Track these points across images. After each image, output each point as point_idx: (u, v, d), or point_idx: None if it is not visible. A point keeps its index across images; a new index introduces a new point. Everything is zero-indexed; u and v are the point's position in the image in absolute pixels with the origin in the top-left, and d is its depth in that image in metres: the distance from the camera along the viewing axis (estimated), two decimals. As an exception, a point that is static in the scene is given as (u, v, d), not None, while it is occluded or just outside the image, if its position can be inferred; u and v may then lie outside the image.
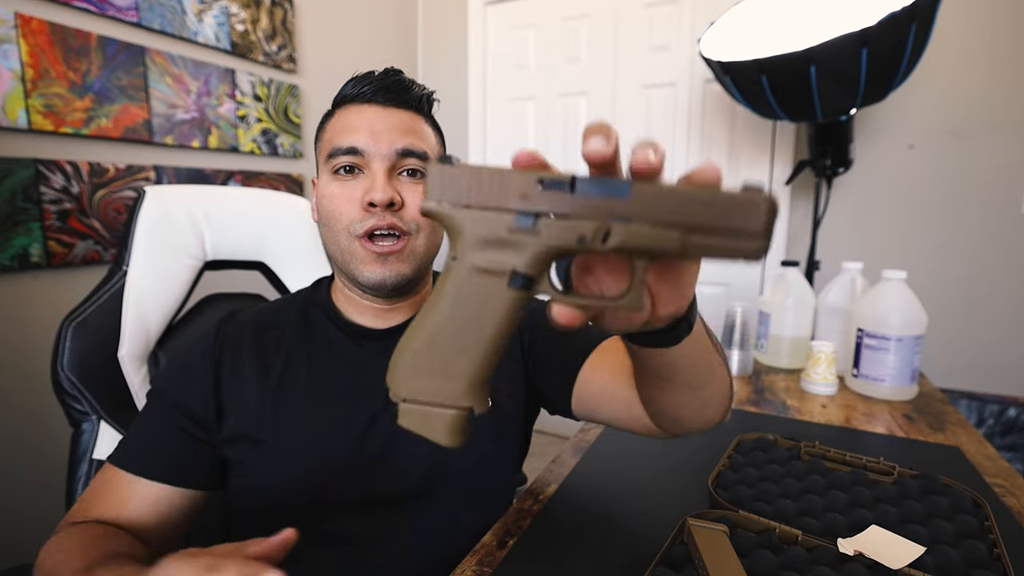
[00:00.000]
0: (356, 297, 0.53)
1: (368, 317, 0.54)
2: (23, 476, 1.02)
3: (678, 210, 0.22)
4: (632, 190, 0.23)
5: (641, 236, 0.23)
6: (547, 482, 0.58)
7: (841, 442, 0.68)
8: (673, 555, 0.43)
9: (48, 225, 1.04)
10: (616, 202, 0.23)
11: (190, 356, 0.52)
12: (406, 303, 0.55)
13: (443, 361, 0.24)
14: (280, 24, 1.50)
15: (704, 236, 0.22)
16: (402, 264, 0.50)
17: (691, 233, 0.22)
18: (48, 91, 1.02)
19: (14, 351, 1.01)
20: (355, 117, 0.50)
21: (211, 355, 0.51)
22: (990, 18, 1.39)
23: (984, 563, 0.42)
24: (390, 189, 0.48)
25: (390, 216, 0.48)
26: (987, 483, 0.59)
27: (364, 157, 0.49)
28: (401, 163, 0.50)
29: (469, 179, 0.24)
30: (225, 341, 0.52)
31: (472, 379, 0.24)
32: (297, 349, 0.53)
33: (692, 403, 0.40)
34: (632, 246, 0.23)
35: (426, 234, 0.51)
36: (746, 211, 0.22)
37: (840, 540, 0.44)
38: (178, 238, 0.67)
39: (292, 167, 1.59)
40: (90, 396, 0.60)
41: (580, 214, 0.23)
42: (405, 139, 0.50)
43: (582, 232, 0.23)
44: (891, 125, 1.51)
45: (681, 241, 0.22)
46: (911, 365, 0.84)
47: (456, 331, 0.24)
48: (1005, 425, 1.43)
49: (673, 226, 0.22)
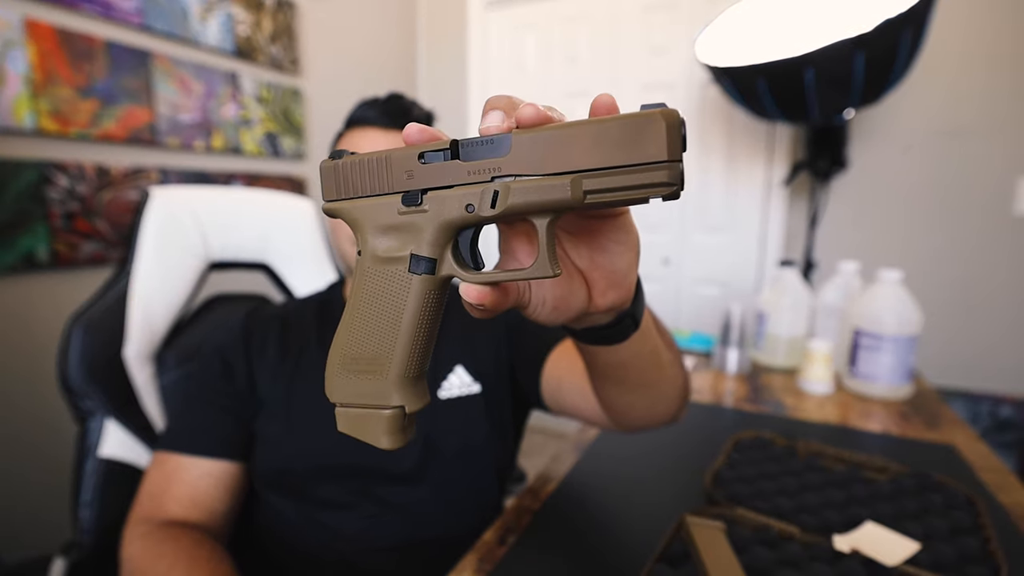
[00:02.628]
0: None
1: None
2: (29, 473, 1.03)
3: (564, 154, 0.19)
4: (512, 142, 0.20)
5: (528, 191, 0.20)
6: (547, 480, 0.59)
7: (837, 440, 0.69)
8: (671, 552, 0.44)
9: (54, 226, 1.05)
10: (499, 161, 0.20)
11: (222, 344, 0.58)
12: None
13: (368, 361, 0.23)
14: (283, 27, 1.51)
15: (601, 178, 0.19)
16: None
17: (585, 178, 0.19)
18: (55, 94, 1.03)
19: (20, 351, 1.01)
20: (360, 139, 0.56)
21: (241, 340, 0.58)
22: (986, 21, 1.40)
23: (977, 559, 0.43)
24: None
25: None
26: (980, 480, 0.59)
27: None
28: None
29: (358, 169, 0.23)
30: (253, 329, 0.59)
31: (399, 376, 0.23)
32: (313, 336, 0.58)
33: (641, 401, 0.41)
34: (521, 204, 0.20)
35: None
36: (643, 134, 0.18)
37: (836, 537, 0.45)
38: (183, 239, 0.68)
39: (294, 168, 1.60)
40: (96, 394, 0.61)
41: (465, 180, 0.21)
42: None
43: (467, 200, 0.21)
44: (887, 127, 1.52)
45: (574, 187, 0.19)
46: (906, 364, 0.85)
47: (374, 329, 0.23)
48: (998, 423, 1.44)
49: (563, 174, 0.19)
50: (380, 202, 0.22)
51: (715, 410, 0.81)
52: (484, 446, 0.58)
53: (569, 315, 0.27)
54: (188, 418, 0.55)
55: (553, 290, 0.26)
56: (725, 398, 0.86)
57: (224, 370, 0.56)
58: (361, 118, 0.58)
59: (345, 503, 0.54)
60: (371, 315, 0.23)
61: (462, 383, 0.58)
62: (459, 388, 0.58)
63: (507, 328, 0.60)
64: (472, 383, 0.58)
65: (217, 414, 0.55)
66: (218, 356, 0.57)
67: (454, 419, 0.56)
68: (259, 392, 0.56)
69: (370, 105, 0.58)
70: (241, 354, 0.57)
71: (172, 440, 0.54)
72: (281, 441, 0.54)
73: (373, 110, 0.57)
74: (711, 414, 0.79)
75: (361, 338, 0.23)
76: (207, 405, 0.55)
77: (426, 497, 0.55)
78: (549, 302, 0.26)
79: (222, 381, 0.56)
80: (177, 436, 0.54)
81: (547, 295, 0.26)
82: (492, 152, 0.20)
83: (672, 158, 0.18)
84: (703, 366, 1.04)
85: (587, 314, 0.28)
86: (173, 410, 0.59)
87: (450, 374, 0.58)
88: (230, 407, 0.55)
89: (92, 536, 0.59)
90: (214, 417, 0.55)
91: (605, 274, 0.26)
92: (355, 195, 0.23)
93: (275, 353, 0.57)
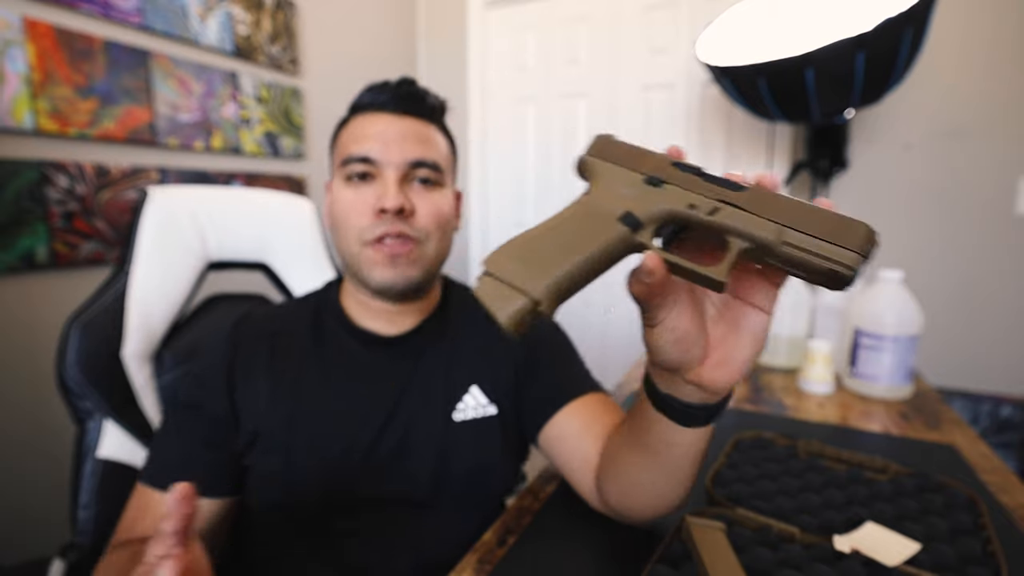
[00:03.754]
0: (366, 300, 0.54)
1: (380, 322, 0.55)
2: (28, 474, 1.02)
3: (783, 212, 0.25)
4: (749, 188, 0.26)
5: (742, 219, 0.25)
6: (547, 480, 0.59)
7: (838, 440, 0.68)
8: (671, 553, 0.43)
9: (53, 226, 1.05)
10: (731, 193, 0.26)
11: (205, 367, 0.53)
12: (415, 306, 0.56)
13: (538, 256, 0.26)
14: (282, 27, 1.51)
15: (802, 236, 0.24)
16: (410, 268, 0.51)
17: (790, 231, 0.24)
18: (54, 94, 1.03)
19: (20, 351, 1.01)
20: (369, 125, 0.51)
21: (224, 363, 0.52)
22: (987, 20, 1.40)
23: (978, 559, 0.43)
24: (400, 196, 0.49)
25: (400, 223, 0.49)
26: (981, 480, 0.59)
27: (376, 165, 0.50)
28: (413, 173, 0.51)
29: (620, 148, 0.30)
30: (238, 348, 0.53)
31: (555, 280, 0.25)
32: (310, 354, 0.53)
33: (660, 486, 0.41)
34: (731, 225, 0.25)
35: (435, 241, 0.52)
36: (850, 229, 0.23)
37: (836, 537, 0.45)
38: (181, 239, 0.68)
39: (294, 168, 1.60)
40: (94, 395, 0.61)
41: (697, 190, 0.27)
42: (417, 150, 0.51)
43: (696, 201, 0.26)
44: (888, 126, 1.52)
45: (778, 232, 0.24)
46: (907, 364, 0.85)
47: (560, 238, 0.27)
48: (999, 423, 1.43)
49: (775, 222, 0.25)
50: (625, 171, 0.29)
51: (715, 410, 0.81)
52: (497, 468, 0.56)
53: (678, 357, 0.30)
54: (162, 450, 0.51)
55: (687, 326, 0.29)
56: (725, 398, 0.86)
57: (203, 399, 0.51)
58: (371, 103, 0.53)
59: (358, 532, 0.51)
60: (566, 230, 0.27)
61: (477, 404, 0.56)
62: (474, 410, 0.55)
63: (531, 358, 0.57)
64: (488, 404, 0.56)
65: (193, 448, 0.50)
66: (197, 384, 0.52)
67: (469, 441, 0.54)
68: (247, 424, 0.51)
69: (380, 90, 0.53)
70: (222, 383, 0.51)
71: (146, 472, 0.50)
72: (286, 475, 0.50)
73: (384, 95, 0.52)
74: (711, 414, 0.79)
75: (547, 240, 0.27)
76: (183, 437, 0.51)
77: (439, 522, 0.53)
78: (677, 332, 0.29)
79: (200, 412, 0.51)
80: (150, 469, 0.50)
81: (680, 326, 0.29)
82: (729, 186, 0.26)
83: (863, 252, 0.23)
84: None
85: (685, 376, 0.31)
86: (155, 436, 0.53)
87: (465, 395, 0.55)
88: (209, 440, 0.50)
89: (90, 538, 0.59)
90: (189, 451, 0.50)
91: (726, 353, 0.30)
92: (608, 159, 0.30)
93: (266, 378, 0.52)
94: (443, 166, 0.53)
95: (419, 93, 0.53)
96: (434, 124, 0.54)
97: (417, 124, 0.52)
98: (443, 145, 0.54)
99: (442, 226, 0.53)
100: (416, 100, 0.53)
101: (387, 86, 0.53)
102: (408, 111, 0.52)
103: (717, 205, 0.26)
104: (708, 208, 0.26)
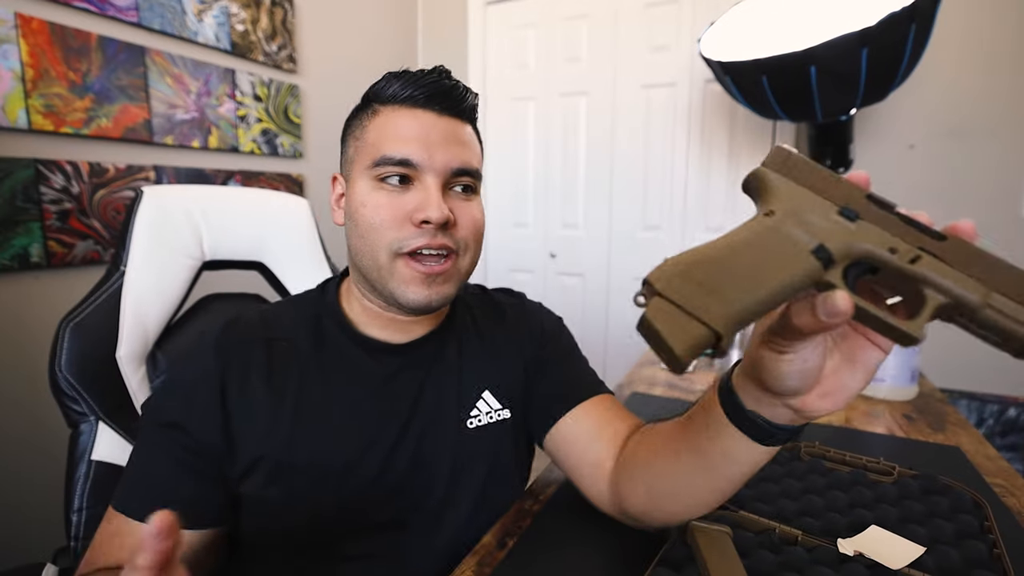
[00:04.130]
0: (377, 309, 0.50)
1: (388, 331, 0.51)
2: (24, 476, 1.02)
3: (987, 271, 0.23)
4: (949, 237, 0.25)
5: (949, 274, 0.24)
6: (547, 482, 0.58)
7: (841, 442, 0.68)
8: (673, 555, 0.43)
9: (48, 225, 1.04)
10: (930, 240, 0.25)
11: (189, 381, 0.46)
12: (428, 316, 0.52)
13: (719, 282, 0.24)
14: (280, 24, 1.50)
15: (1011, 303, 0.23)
16: (447, 285, 0.47)
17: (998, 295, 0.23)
18: (48, 91, 1.02)
19: (14, 351, 1.01)
20: (408, 123, 0.45)
21: (214, 378, 0.45)
22: (990, 18, 1.39)
23: (984, 563, 0.42)
24: (445, 207, 0.44)
25: (441, 236, 0.45)
26: (987, 483, 0.58)
27: (417, 170, 0.45)
28: (454, 181, 0.47)
29: (805, 167, 0.27)
30: (229, 360, 0.46)
31: (737, 312, 0.23)
32: (312, 365, 0.48)
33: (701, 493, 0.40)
34: (933, 278, 0.24)
35: (471, 252, 0.49)
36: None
37: (840, 540, 0.44)
38: (176, 238, 0.67)
39: (292, 167, 1.59)
40: (88, 397, 0.60)
41: (895, 231, 0.25)
42: (461, 156, 0.47)
43: (896, 245, 0.25)
44: (891, 125, 1.51)
45: (985, 295, 0.23)
46: (911, 365, 0.84)
47: (742, 262, 0.24)
48: (1005, 425, 1.43)
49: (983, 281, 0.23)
50: (818, 200, 0.26)
51: (716, 411, 0.80)
52: (511, 474, 0.55)
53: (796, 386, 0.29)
54: (139, 474, 0.44)
55: (818, 360, 0.29)
56: (726, 398, 0.85)
57: (189, 420, 0.44)
58: (406, 96, 0.46)
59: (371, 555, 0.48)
60: (751, 256, 0.25)
61: (490, 409, 0.54)
62: (487, 415, 0.53)
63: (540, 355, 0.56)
64: (501, 408, 0.54)
65: (176, 474, 0.44)
66: (182, 400, 0.45)
67: (484, 449, 0.52)
68: (245, 448, 0.45)
69: (414, 81, 0.46)
70: (213, 403, 0.45)
71: (120, 498, 0.43)
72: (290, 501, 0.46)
73: (421, 88, 0.46)
74: (712, 415, 0.78)
75: (729, 264, 0.24)
76: (163, 460, 0.44)
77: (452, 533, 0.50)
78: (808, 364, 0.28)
79: (184, 434, 0.44)
80: (125, 495, 0.43)
81: (812, 359, 0.28)
82: (927, 233, 0.25)
83: None
84: (705, 367, 1.03)
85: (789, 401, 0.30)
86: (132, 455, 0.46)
87: (478, 401, 0.53)
88: (196, 467, 0.44)
89: (84, 542, 0.58)
90: (170, 477, 0.44)
91: (837, 383, 0.29)
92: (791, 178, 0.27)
93: (265, 392, 0.46)
94: (481, 173, 0.50)
95: (459, 88, 0.48)
96: (470, 124, 0.50)
97: (456, 125, 0.47)
98: (478, 148, 0.50)
99: (479, 238, 0.49)
100: (456, 97, 0.47)
101: (423, 76, 0.46)
102: (447, 109, 0.47)
103: (918, 253, 0.24)
104: (910, 255, 0.24)
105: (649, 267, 1.11)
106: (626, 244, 1.91)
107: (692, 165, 1.78)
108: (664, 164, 1.81)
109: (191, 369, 0.47)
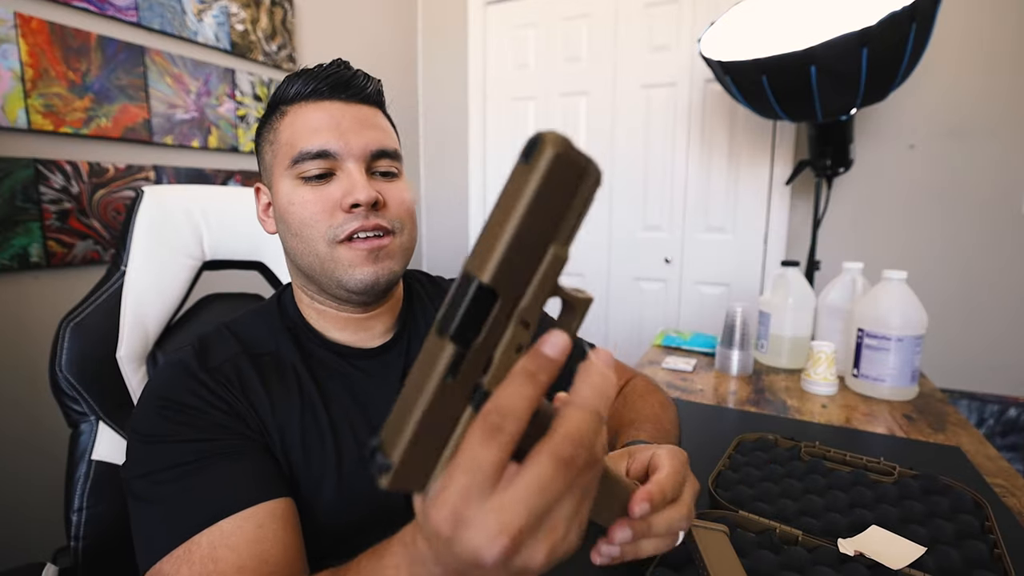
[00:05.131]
0: (331, 310, 0.50)
1: (348, 332, 0.51)
2: (24, 476, 1.02)
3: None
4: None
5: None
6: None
7: (841, 442, 0.68)
8: (673, 555, 0.43)
9: (48, 225, 1.04)
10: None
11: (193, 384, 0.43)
12: (382, 309, 0.52)
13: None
14: (280, 24, 1.50)
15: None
16: (391, 261, 0.48)
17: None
18: (48, 91, 1.02)
19: (14, 351, 1.01)
20: (317, 116, 0.46)
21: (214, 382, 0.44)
22: (990, 18, 1.38)
23: (984, 563, 0.42)
24: (372, 189, 0.45)
25: (374, 217, 0.46)
26: (988, 483, 0.58)
27: (336, 159, 0.46)
28: (375, 164, 0.48)
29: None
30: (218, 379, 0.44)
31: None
32: (303, 374, 0.48)
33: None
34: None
35: (408, 231, 0.49)
36: None
37: (840, 540, 0.44)
38: (176, 238, 0.67)
39: (292, 167, 1.59)
40: (88, 397, 0.60)
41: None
42: (377, 138, 0.47)
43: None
44: (891, 125, 1.51)
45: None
46: (911, 365, 0.84)
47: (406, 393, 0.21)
48: (1005, 425, 1.43)
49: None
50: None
51: (718, 411, 0.80)
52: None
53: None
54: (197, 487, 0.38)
55: None
56: (728, 399, 0.85)
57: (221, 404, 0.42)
58: (308, 92, 0.46)
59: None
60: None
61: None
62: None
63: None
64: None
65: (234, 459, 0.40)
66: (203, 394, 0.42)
67: None
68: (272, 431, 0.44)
69: (313, 76, 0.46)
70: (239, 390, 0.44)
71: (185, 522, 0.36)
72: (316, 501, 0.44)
73: (322, 81, 0.46)
74: (714, 415, 0.78)
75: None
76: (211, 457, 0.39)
77: None
78: None
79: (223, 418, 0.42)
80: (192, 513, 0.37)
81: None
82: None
83: None
84: (705, 367, 1.03)
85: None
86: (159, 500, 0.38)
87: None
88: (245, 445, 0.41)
89: (84, 542, 0.58)
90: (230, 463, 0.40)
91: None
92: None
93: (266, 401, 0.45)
94: (400, 154, 0.50)
95: (360, 76, 0.48)
96: (379, 108, 0.50)
97: (366, 111, 0.48)
98: (392, 131, 0.51)
99: (412, 217, 0.50)
100: (358, 84, 0.48)
101: (322, 70, 0.47)
102: (353, 97, 0.47)
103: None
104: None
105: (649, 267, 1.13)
106: (626, 244, 1.91)
107: (692, 165, 1.78)
108: (664, 164, 1.82)
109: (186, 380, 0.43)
